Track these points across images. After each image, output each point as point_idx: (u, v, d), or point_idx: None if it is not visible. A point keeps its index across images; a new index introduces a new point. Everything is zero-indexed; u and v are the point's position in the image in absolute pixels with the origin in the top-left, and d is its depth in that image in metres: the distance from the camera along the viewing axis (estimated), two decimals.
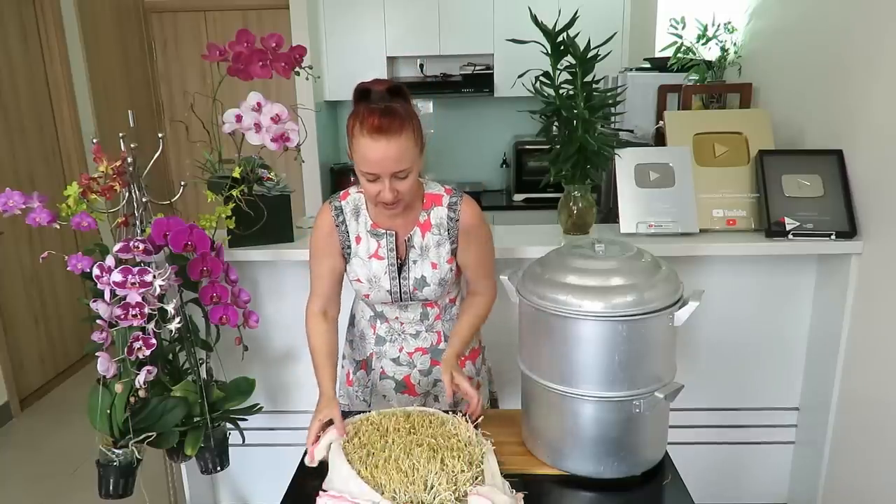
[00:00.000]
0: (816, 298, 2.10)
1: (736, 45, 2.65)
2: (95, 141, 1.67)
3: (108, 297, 1.53)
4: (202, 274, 1.68)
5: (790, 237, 1.95)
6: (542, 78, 1.89)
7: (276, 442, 2.22)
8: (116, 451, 1.65)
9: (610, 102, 1.92)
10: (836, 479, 2.02)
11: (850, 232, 1.91)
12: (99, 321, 1.57)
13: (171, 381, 1.75)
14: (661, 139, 2.38)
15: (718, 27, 2.66)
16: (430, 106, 4.56)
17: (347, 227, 1.50)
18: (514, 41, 1.90)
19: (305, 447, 1.35)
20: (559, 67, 1.87)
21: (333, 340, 1.56)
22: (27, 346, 3.49)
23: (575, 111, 1.86)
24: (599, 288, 1.20)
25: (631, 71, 3.03)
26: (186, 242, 1.63)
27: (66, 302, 3.80)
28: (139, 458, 1.67)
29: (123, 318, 1.52)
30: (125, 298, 1.52)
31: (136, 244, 1.55)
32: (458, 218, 1.49)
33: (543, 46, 1.84)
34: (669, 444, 1.36)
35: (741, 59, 2.62)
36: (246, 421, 1.85)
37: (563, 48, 1.84)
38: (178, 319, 1.62)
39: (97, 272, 1.52)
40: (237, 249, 1.96)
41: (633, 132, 2.88)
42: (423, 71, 4.27)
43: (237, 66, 1.78)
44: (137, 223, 1.71)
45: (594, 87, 1.89)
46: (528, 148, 4.06)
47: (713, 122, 2.21)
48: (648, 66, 3.06)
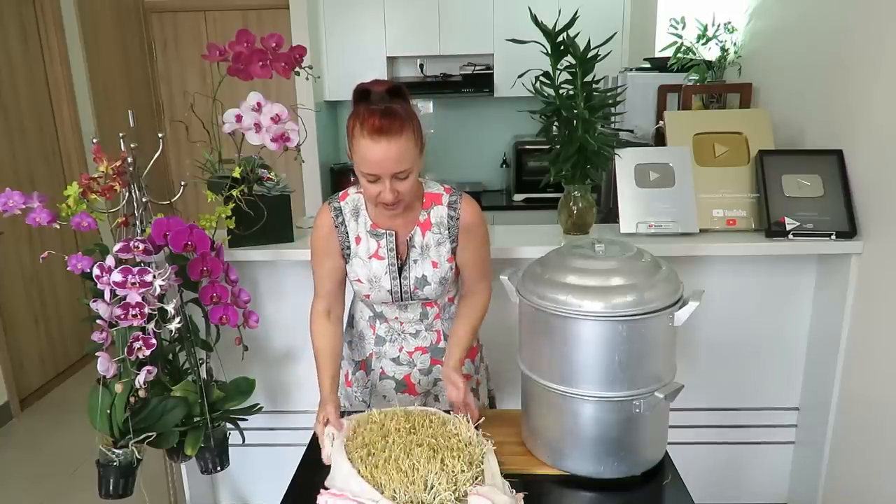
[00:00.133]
0: (816, 298, 2.10)
1: (736, 45, 2.65)
2: (95, 141, 1.67)
3: (108, 297, 1.53)
4: (202, 274, 1.68)
5: (790, 237, 1.95)
6: (542, 78, 1.89)
7: (276, 442, 2.22)
8: (116, 451, 1.65)
9: (610, 102, 1.92)
10: (836, 479, 2.02)
11: (850, 232, 1.91)
12: (99, 321, 1.57)
13: (171, 381, 1.75)
14: (661, 139, 2.38)
15: (718, 27, 2.66)
16: (430, 106, 4.56)
17: (347, 227, 1.50)
18: (514, 41, 1.90)
19: (305, 447, 1.36)
20: (559, 67, 1.87)
21: (338, 341, 1.56)
22: (27, 346, 3.49)
23: (575, 111, 1.86)
24: (599, 288, 1.20)
25: (631, 71, 3.03)
26: (186, 242, 1.63)
27: (66, 302, 3.80)
28: (139, 458, 1.67)
29: (123, 318, 1.52)
30: (125, 298, 1.52)
31: (136, 244, 1.55)
32: (458, 216, 1.49)
33: (543, 46, 1.84)
34: (669, 444, 1.36)
35: (741, 59, 2.62)
36: (246, 421, 1.85)
37: (563, 48, 1.84)
38: (178, 319, 1.62)
39: (97, 272, 1.52)
40: (237, 249, 1.96)
41: (633, 132, 2.88)
42: (423, 71, 4.27)
43: (237, 66, 1.78)
44: (137, 223, 1.71)
45: (594, 87, 1.89)
46: (528, 148, 4.06)
47: (713, 122, 2.21)
48: (648, 66, 3.06)
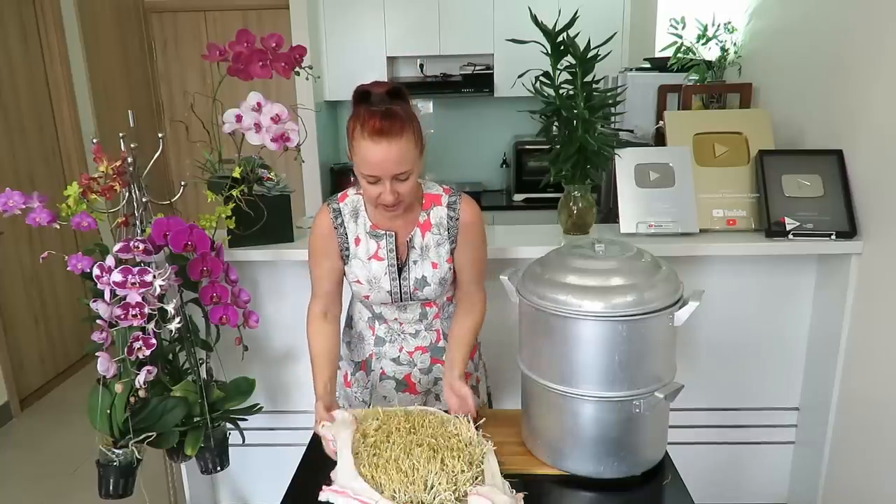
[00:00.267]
0: (816, 298, 2.10)
1: (736, 45, 2.65)
2: (95, 141, 1.67)
3: (108, 297, 1.53)
4: (202, 274, 1.68)
5: (790, 237, 1.95)
6: (542, 78, 1.89)
7: (276, 442, 2.22)
8: (116, 451, 1.65)
9: (610, 102, 1.92)
10: (836, 479, 2.02)
11: (850, 232, 1.91)
12: (99, 321, 1.57)
13: (171, 381, 1.75)
14: (661, 139, 2.38)
15: (718, 27, 2.66)
16: (430, 106, 4.55)
17: (346, 228, 1.50)
18: (514, 41, 1.90)
19: (305, 447, 1.36)
20: (559, 67, 1.87)
21: (334, 342, 1.55)
22: (27, 346, 3.49)
23: (575, 111, 1.86)
24: (599, 288, 1.20)
25: (631, 71, 3.03)
26: (186, 242, 1.63)
27: (66, 302, 3.80)
28: (139, 458, 1.67)
29: (123, 318, 1.52)
30: (125, 298, 1.52)
31: (136, 244, 1.55)
32: (458, 217, 1.49)
33: (543, 46, 1.84)
34: (669, 444, 1.36)
35: (741, 59, 2.62)
36: (246, 421, 1.85)
37: (563, 48, 1.84)
38: (178, 319, 1.62)
39: (97, 272, 1.52)
40: (237, 249, 1.96)
41: (633, 132, 2.88)
42: (423, 71, 4.27)
43: (237, 66, 1.78)
44: (137, 223, 1.71)
45: (594, 87, 1.88)
46: (528, 148, 4.06)
47: (713, 122, 2.21)
48: (648, 66, 3.06)
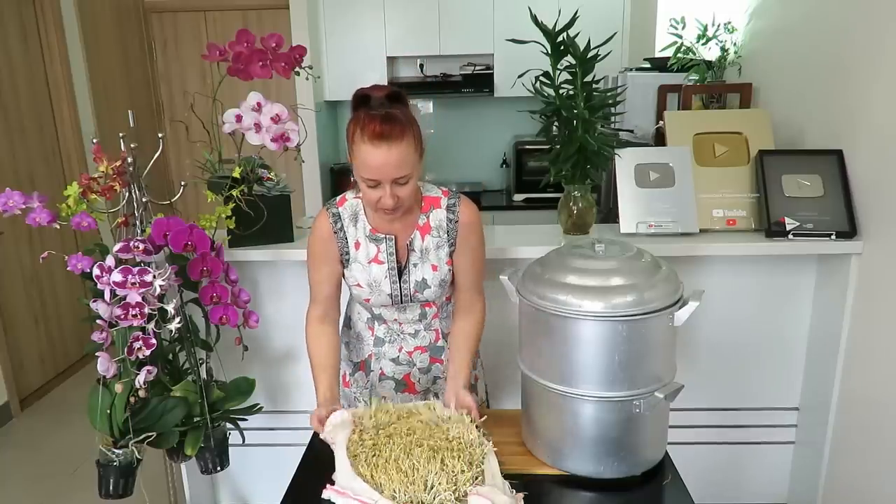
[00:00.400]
0: (816, 298, 2.10)
1: (736, 45, 2.65)
2: (95, 141, 1.67)
3: (108, 297, 1.53)
4: (202, 274, 1.68)
5: (790, 237, 1.95)
6: (542, 78, 1.89)
7: (276, 442, 2.22)
8: (116, 451, 1.65)
9: (610, 102, 1.92)
10: (836, 479, 2.02)
11: (850, 232, 1.91)
12: (99, 321, 1.57)
13: (171, 381, 1.75)
14: (661, 139, 2.38)
15: (718, 27, 2.66)
16: (430, 106, 4.56)
17: (346, 233, 1.50)
18: (514, 41, 1.90)
19: (305, 447, 1.36)
20: (559, 67, 1.87)
21: (334, 346, 1.55)
22: (27, 346, 3.49)
23: (575, 111, 1.86)
24: (599, 288, 1.20)
25: (631, 71, 3.02)
26: (186, 242, 1.63)
27: (66, 302, 3.80)
28: (139, 458, 1.67)
29: (123, 318, 1.52)
30: (125, 298, 1.52)
31: (136, 244, 1.55)
32: (457, 219, 1.50)
33: (543, 46, 1.84)
34: (669, 444, 1.36)
35: (741, 59, 2.62)
36: (246, 421, 1.85)
37: (563, 48, 1.84)
38: (178, 319, 1.62)
39: (97, 272, 1.52)
40: (237, 249, 1.96)
41: (633, 132, 2.88)
42: (423, 71, 4.27)
43: (237, 66, 1.78)
44: (137, 223, 1.71)
45: (594, 87, 1.88)
46: (528, 148, 4.06)
47: (713, 122, 2.21)
48: (648, 66, 3.06)
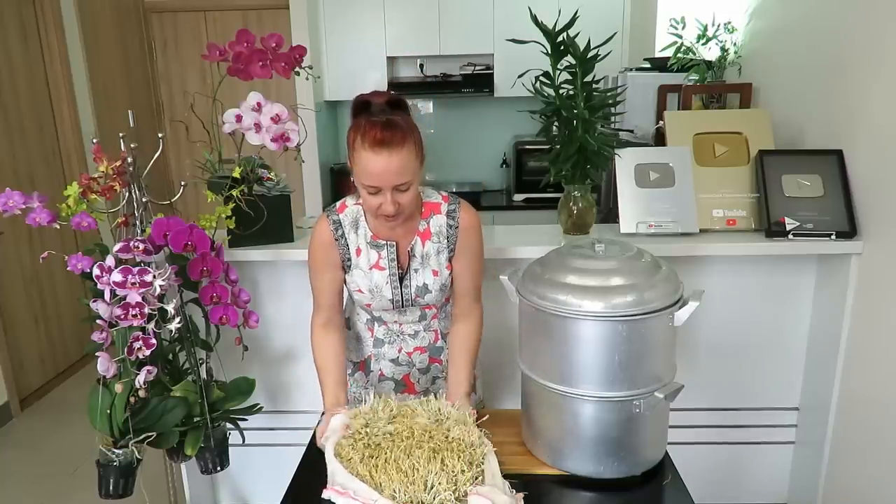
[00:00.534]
0: (816, 298, 2.10)
1: (736, 45, 2.65)
2: (95, 141, 1.67)
3: (108, 297, 1.53)
4: (202, 274, 1.68)
5: (790, 237, 1.95)
6: (542, 78, 1.89)
7: (276, 442, 2.22)
8: (116, 451, 1.65)
9: (610, 102, 1.92)
10: (836, 479, 2.02)
11: (850, 232, 1.91)
12: (99, 321, 1.57)
13: (171, 381, 1.75)
14: (661, 139, 2.38)
15: (718, 27, 2.66)
16: (430, 106, 4.56)
17: (347, 239, 1.50)
18: (514, 41, 1.90)
19: (305, 447, 1.36)
20: (559, 67, 1.87)
21: (339, 351, 1.55)
22: (27, 346, 3.49)
23: (575, 111, 1.86)
24: (599, 288, 1.20)
25: (631, 71, 3.02)
26: (186, 242, 1.62)
27: (66, 302, 3.80)
28: (139, 458, 1.67)
29: (123, 318, 1.52)
30: (125, 298, 1.52)
31: (136, 244, 1.54)
32: (457, 225, 1.50)
33: (543, 46, 1.84)
34: (669, 444, 1.36)
35: (741, 59, 2.62)
36: (246, 421, 1.85)
37: (563, 48, 1.83)
38: (178, 319, 1.61)
39: (97, 272, 1.52)
40: (237, 249, 1.96)
41: (633, 132, 2.88)
42: (423, 71, 4.27)
43: (237, 66, 1.78)
44: (137, 223, 1.70)
45: (594, 87, 1.88)
46: (528, 148, 4.06)
47: (713, 122, 2.21)
48: (648, 66, 3.06)
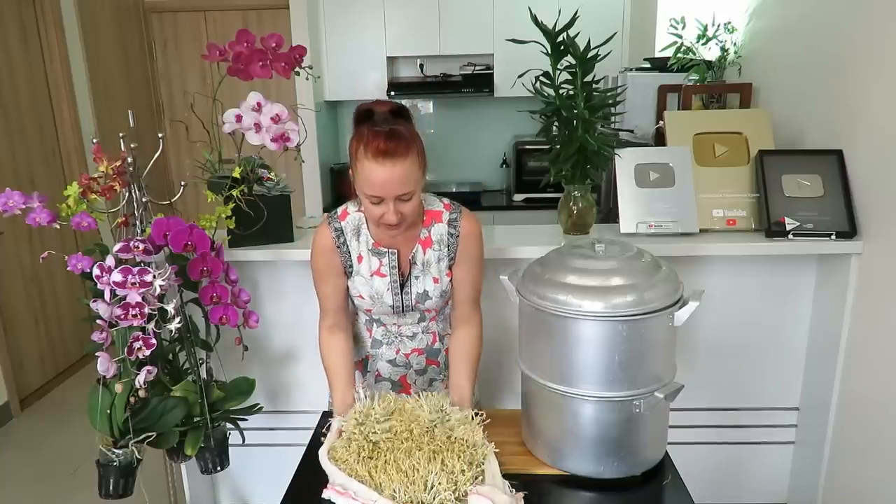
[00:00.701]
0: (816, 298, 2.10)
1: (736, 45, 2.65)
2: (95, 141, 1.67)
3: (108, 297, 1.53)
4: (202, 274, 1.68)
5: (790, 237, 1.95)
6: (542, 78, 1.89)
7: (276, 442, 2.22)
8: (116, 451, 1.65)
9: (610, 102, 1.92)
10: (836, 479, 2.02)
11: (850, 232, 1.91)
12: (99, 321, 1.57)
13: (171, 381, 1.75)
14: (661, 139, 2.38)
15: (718, 27, 2.66)
16: (430, 106, 4.56)
17: (349, 246, 1.50)
18: (514, 41, 1.90)
19: (305, 447, 1.36)
20: (559, 67, 1.87)
21: (346, 354, 1.56)
22: (27, 346, 3.49)
23: (575, 111, 1.86)
24: (599, 288, 1.20)
25: (631, 71, 3.02)
26: (186, 242, 1.62)
27: (66, 302, 3.80)
28: (139, 458, 1.67)
29: (123, 318, 1.52)
30: (125, 298, 1.52)
31: (136, 244, 1.54)
32: (458, 234, 1.50)
33: (543, 46, 1.84)
34: (669, 444, 1.36)
35: (741, 59, 2.62)
36: (246, 421, 1.85)
37: (563, 48, 1.83)
38: (178, 319, 1.61)
39: (97, 272, 1.52)
40: (237, 249, 1.96)
41: (633, 132, 2.88)
42: (423, 71, 4.27)
43: (237, 66, 1.78)
44: (137, 223, 1.70)
45: (594, 87, 1.88)
46: (528, 148, 4.06)
47: (713, 122, 2.21)
48: (648, 66, 3.06)
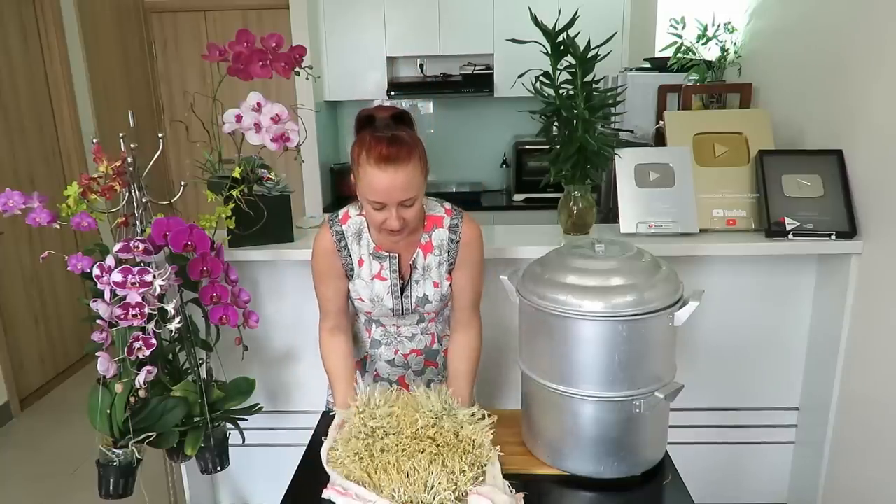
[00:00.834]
0: (816, 298, 2.10)
1: (736, 45, 2.65)
2: (95, 141, 1.67)
3: (108, 297, 1.53)
4: (202, 274, 1.68)
5: (790, 237, 1.95)
6: (542, 78, 1.89)
7: (276, 442, 2.22)
8: (116, 451, 1.65)
9: (610, 102, 1.92)
10: (836, 479, 2.02)
11: (850, 232, 1.91)
12: (99, 321, 1.57)
13: (171, 381, 1.75)
14: (661, 139, 2.38)
15: (718, 27, 2.66)
16: (430, 106, 4.56)
17: (350, 250, 1.50)
18: (514, 41, 1.90)
19: (305, 447, 1.36)
20: (559, 67, 1.87)
21: (347, 355, 1.56)
22: (27, 346, 3.49)
23: (575, 111, 1.86)
24: (599, 288, 1.20)
25: (631, 71, 3.02)
26: (186, 242, 1.62)
27: (66, 302, 3.80)
28: (139, 458, 1.67)
29: (123, 318, 1.52)
30: (125, 298, 1.52)
31: (136, 244, 1.54)
32: (458, 239, 1.50)
33: (543, 46, 1.84)
34: (669, 444, 1.36)
35: (741, 59, 2.62)
36: (246, 421, 1.85)
37: (563, 48, 1.83)
38: (178, 319, 1.61)
39: (97, 272, 1.52)
40: (237, 249, 1.96)
41: (633, 132, 2.88)
42: (423, 71, 4.27)
43: (237, 66, 1.78)
44: (137, 223, 1.70)
45: (594, 87, 1.88)
46: (528, 148, 4.06)
47: (713, 122, 2.21)
48: (648, 66, 3.06)
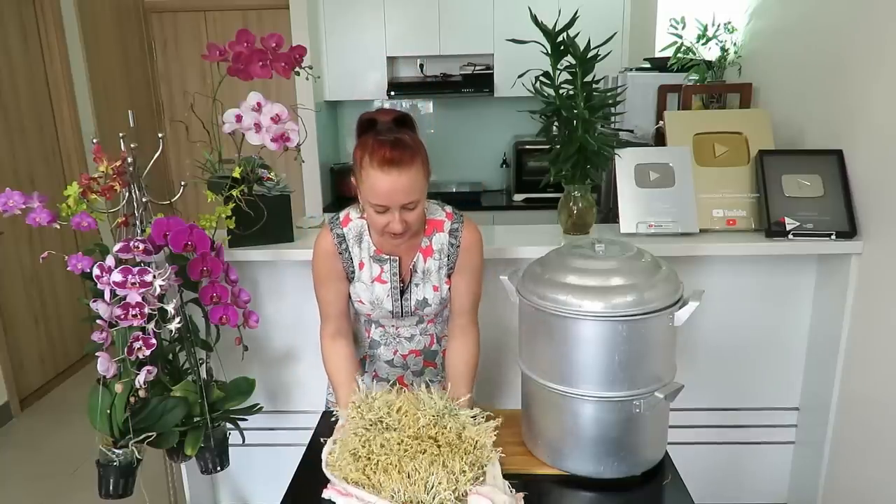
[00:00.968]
0: (816, 298, 2.10)
1: (736, 45, 2.65)
2: (95, 141, 1.67)
3: (108, 297, 1.53)
4: (202, 274, 1.68)
5: (790, 237, 1.95)
6: (542, 78, 1.89)
7: (276, 442, 2.22)
8: (116, 451, 1.64)
9: (610, 102, 1.92)
10: (836, 479, 2.02)
11: (850, 232, 1.91)
12: (99, 321, 1.57)
13: (171, 381, 1.75)
14: (661, 139, 2.38)
15: (718, 27, 2.66)
16: (430, 106, 4.56)
17: (350, 253, 1.50)
18: (514, 41, 1.90)
19: (305, 447, 1.36)
20: (559, 67, 1.87)
21: (350, 359, 1.55)
22: (27, 346, 3.49)
23: (575, 111, 1.86)
24: (599, 288, 1.20)
25: (631, 71, 3.02)
26: (186, 242, 1.62)
27: (66, 302, 3.80)
28: (139, 458, 1.67)
29: (123, 318, 1.52)
30: (125, 298, 1.52)
31: (136, 244, 1.54)
32: (458, 244, 1.50)
33: (543, 46, 1.84)
34: (669, 444, 1.36)
35: (741, 59, 2.62)
36: (246, 421, 1.85)
37: (563, 48, 1.84)
38: (178, 319, 1.61)
39: (97, 272, 1.52)
40: (237, 249, 1.96)
41: (633, 132, 2.88)
42: (423, 71, 4.27)
43: (237, 66, 1.78)
44: (137, 223, 1.70)
45: (594, 87, 1.88)
46: (528, 148, 4.06)
47: (713, 122, 2.21)
48: (648, 66, 3.06)
